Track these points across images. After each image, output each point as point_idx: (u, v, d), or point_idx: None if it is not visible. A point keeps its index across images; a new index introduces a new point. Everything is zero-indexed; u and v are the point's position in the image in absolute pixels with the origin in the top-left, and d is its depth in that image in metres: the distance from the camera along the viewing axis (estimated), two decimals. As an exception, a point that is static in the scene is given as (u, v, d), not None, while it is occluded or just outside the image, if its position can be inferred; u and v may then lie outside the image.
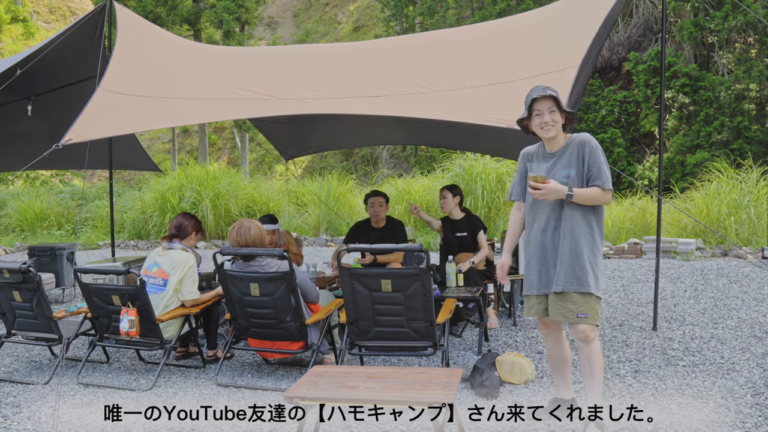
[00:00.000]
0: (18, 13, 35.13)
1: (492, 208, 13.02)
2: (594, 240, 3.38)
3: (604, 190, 3.34)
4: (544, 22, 5.56)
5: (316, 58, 5.96)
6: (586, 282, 3.31)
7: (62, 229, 15.85)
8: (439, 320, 4.31)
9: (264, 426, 3.72)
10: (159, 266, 4.81)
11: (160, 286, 4.75)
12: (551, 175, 3.40)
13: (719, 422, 3.63)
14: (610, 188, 3.34)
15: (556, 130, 3.42)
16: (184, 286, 4.75)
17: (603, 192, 3.34)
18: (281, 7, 40.69)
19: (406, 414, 3.83)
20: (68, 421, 3.87)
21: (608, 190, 3.35)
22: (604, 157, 3.37)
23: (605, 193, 3.35)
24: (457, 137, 7.83)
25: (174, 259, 4.79)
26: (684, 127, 17.20)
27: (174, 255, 4.82)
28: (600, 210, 3.42)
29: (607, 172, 3.35)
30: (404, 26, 26.69)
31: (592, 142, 3.41)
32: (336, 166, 25.77)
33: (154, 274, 4.81)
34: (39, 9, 37.83)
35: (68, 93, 6.79)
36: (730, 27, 16.02)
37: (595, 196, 3.34)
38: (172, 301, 4.74)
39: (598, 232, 3.39)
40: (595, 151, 3.37)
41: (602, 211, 3.43)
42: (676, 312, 6.46)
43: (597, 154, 3.36)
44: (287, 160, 8.94)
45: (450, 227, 6.12)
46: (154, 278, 4.80)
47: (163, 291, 4.72)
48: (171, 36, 7.01)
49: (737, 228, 10.89)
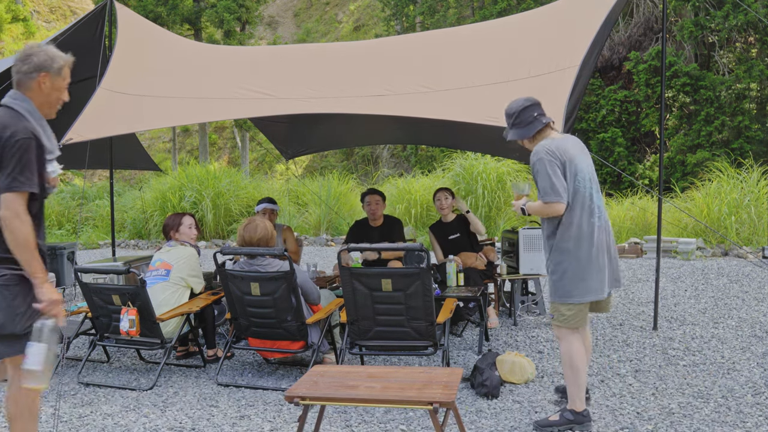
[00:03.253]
0: (18, 12, 35.13)
1: (492, 207, 13.02)
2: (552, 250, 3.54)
3: (544, 203, 3.44)
4: (544, 22, 5.56)
5: (317, 57, 5.96)
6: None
7: (63, 229, 15.85)
8: (439, 320, 4.31)
9: (264, 426, 3.73)
10: (162, 260, 5.00)
11: (163, 275, 4.89)
12: None
13: (719, 422, 3.63)
14: (548, 200, 3.41)
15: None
16: (189, 278, 4.94)
17: (543, 204, 3.44)
18: (282, 7, 40.68)
19: (406, 414, 3.83)
20: (69, 421, 3.87)
21: (547, 203, 3.42)
22: (544, 170, 3.41)
23: (546, 205, 3.44)
24: (458, 137, 7.82)
25: (175, 253, 5.00)
26: (684, 127, 17.18)
27: (175, 249, 5.04)
28: (556, 220, 3.48)
29: (546, 184, 3.41)
30: (404, 26, 26.66)
31: (533, 158, 3.49)
32: (336, 165, 25.76)
33: (157, 267, 4.98)
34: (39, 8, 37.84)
35: (69, 92, 6.78)
36: (731, 26, 15.99)
37: (541, 210, 3.48)
38: (173, 294, 4.78)
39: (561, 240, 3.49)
40: (534, 167, 3.48)
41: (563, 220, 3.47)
42: (677, 311, 6.46)
43: (535, 170, 3.47)
44: (288, 160, 8.94)
45: (442, 232, 6.10)
46: (157, 270, 4.95)
47: (165, 280, 4.86)
48: (171, 36, 7.01)
49: (738, 227, 10.89)
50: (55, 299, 2.84)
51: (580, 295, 3.48)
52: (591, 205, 3.49)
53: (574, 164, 3.47)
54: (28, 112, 2.84)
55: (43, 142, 2.85)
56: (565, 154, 3.46)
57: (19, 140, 2.74)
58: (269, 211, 6.05)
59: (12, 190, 2.71)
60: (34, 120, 2.84)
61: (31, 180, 2.76)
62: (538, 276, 6.07)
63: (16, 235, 2.71)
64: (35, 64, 2.86)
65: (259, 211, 6.01)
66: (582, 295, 3.48)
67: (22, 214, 2.72)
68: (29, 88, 2.88)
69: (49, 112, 2.98)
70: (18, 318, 2.81)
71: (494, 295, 6.36)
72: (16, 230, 2.71)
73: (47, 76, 2.89)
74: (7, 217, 2.70)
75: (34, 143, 2.79)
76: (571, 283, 3.48)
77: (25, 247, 2.73)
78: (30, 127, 2.80)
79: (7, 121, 2.78)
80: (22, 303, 2.82)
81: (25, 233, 2.72)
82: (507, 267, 6.16)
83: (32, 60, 2.86)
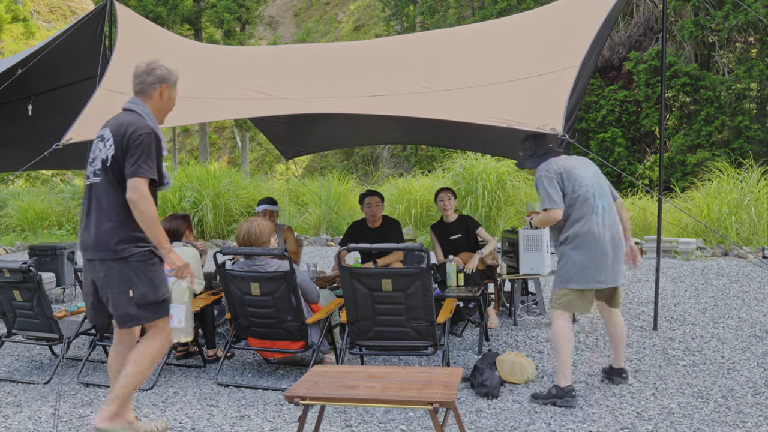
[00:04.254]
0: (18, 12, 35.14)
1: (492, 207, 13.02)
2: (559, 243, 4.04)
3: (543, 211, 3.96)
4: (544, 22, 5.56)
5: (317, 57, 5.96)
6: None
7: (63, 229, 15.84)
8: (439, 320, 4.31)
9: (264, 426, 3.73)
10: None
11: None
12: None
13: (720, 422, 3.63)
14: (546, 207, 3.93)
15: None
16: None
17: (543, 213, 3.97)
18: (282, 7, 40.69)
19: (406, 414, 3.83)
20: (69, 421, 3.87)
21: (546, 210, 3.94)
22: (542, 184, 3.95)
23: (545, 213, 3.95)
24: (458, 137, 7.82)
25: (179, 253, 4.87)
26: (684, 127, 17.19)
27: (177, 250, 4.88)
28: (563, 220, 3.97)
29: (543, 195, 3.93)
30: (405, 26, 26.67)
31: (535, 177, 4.09)
32: (336, 165, 25.76)
33: None
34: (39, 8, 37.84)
35: (69, 92, 6.78)
36: (731, 26, 16.00)
37: (543, 219, 4.00)
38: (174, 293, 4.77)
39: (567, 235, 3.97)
40: (535, 184, 4.04)
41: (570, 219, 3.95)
42: (677, 311, 6.46)
43: (537, 186, 4.02)
44: (288, 160, 8.93)
45: (443, 232, 6.10)
46: None
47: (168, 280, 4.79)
48: (171, 36, 7.00)
49: (738, 227, 10.89)
50: (182, 264, 3.33)
51: (577, 282, 3.91)
52: (594, 205, 3.92)
53: (573, 174, 3.96)
54: (146, 114, 3.32)
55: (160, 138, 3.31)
56: (562, 168, 3.97)
57: (142, 134, 3.21)
58: (269, 213, 6.02)
59: (138, 175, 3.17)
60: (150, 121, 3.31)
61: (152, 168, 3.23)
62: (538, 276, 6.07)
63: (145, 214, 3.17)
64: (158, 76, 3.37)
65: (259, 212, 6.01)
66: (578, 282, 3.90)
67: (148, 195, 3.18)
68: (149, 97, 3.39)
69: (160, 118, 3.46)
70: (154, 287, 3.29)
71: (494, 295, 6.36)
72: (145, 209, 3.16)
73: (167, 87, 3.41)
74: (135, 198, 3.16)
75: (154, 138, 3.26)
76: (571, 271, 3.92)
77: (153, 223, 3.18)
78: (150, 125, 3.28)
79: (131, 119, 3.28)
80: (156, 274, 3.32)
81: (151, 211, 3.18)
82: (507, 267, 6.16)
83: (156, 73, 3.37)
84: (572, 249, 3.91)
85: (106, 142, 3.28)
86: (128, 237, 3.22)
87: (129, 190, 3.16)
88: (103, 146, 3.30)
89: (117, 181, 3.24)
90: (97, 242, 3.24)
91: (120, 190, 3.23)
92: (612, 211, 3.99)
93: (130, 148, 3.19)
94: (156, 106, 3.40)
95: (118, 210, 3.23)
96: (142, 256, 3.26)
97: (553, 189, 3.91)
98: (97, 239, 3.24)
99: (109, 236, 3.22)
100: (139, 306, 3.26)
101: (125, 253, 3.22)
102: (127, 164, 3.18)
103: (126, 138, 3.20)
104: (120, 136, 3.22)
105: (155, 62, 3.40)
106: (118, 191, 3.23)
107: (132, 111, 3.33)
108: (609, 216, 3.95)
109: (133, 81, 3.40)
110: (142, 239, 3.24)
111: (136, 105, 3.35)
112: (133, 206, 3.16)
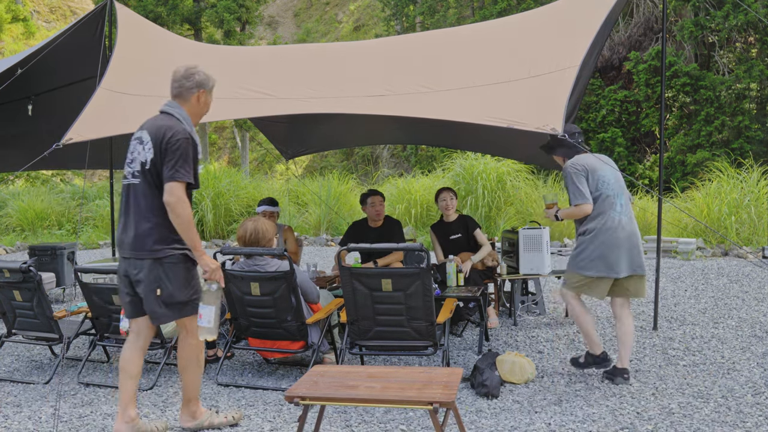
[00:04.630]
0: (18, 12, 35.12)
1: (492, 207, 13.01)
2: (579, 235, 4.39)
3: (574, 206, 4.27)
4: (544, 22, 5.56)
5: (317, 57, 5.96)
6: None
7: (63, 229, 15.84)
8: (439, 320, 4.31)
9: (264, 426, 3.73)
10: None
11: None
12: None
13: (719, 422, 3.63)
14: (577, 203, 4.24)
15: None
16: None
17: (574, 207, 4.28)
18: (282, 7, 40.68)
19: (406, 414, 3.83)
20: (69, 421, 3.87)
21: (577, 206, 4.25)
22: (572, 180, 4.27)
23: (576, 208, 4.27)
24: (458, 137, 7.82)
25: None
26: (684, 127, 17.18)
27: None
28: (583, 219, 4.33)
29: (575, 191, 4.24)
30: (404, 26, 26.66)
31: (564, 173, 4.37)
32: (336, 165, 25.75)
33: None
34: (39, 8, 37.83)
35: (69, 92, 6.78)
36: (731, 26, 15.99)
37: (572, 213, 4.32)
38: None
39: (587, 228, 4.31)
40: (565, 179, 4.35)
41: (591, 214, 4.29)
42: (677, 311, 6.46)
43: (566, 182, 4.33)
44: (288, 160, 8.93)
45: (443, 231, 6.09)
46: None
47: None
48: (171, 36, 7.00)
49: (738, 227, 10.89)
50: (215, 267, 3.44)
51: (591, 270, 4.24)
52: (613, 202, 4.26)
53: (596, 173, 4.28)
54: (183, 118, 3.43)
55: (197, 143, 3.43)
56: (588, 166, 4.28)
57: (180, 139, 3.33)
58: (269, 214, 6.00)
59: (175, 179, 3.29)
60: (187, 125, 3.43)
61: (189, 172, 3.35)
62: (538, 276, 6.07)
63: (181, 217, 3.30)
64: (197, 81, 3.49)
65: (260, 213, 6.00)
66: (592, 270, 4.24)
67: (184, 198, 3.31)
68: (187, 101, 3.50)
69: (195, 121, 3.58)
70: (183, 289, 3.43)
71: (494, 295, 6.36)
72: (181, 212, 3.30)
73: (204, 92, 3.53)
74: (172, 202, 3.29)
75: (191, 142, 3.38)
76: (586, 260, 4.27)
77: (188, 226, 3.32)
78: (187, 130, 3.39)
79: (169, 123, 3.39)
80: (186, 277, 3.45)
81: (187, 214, 3.32)
82: (507, 267, 6.16)
83: (194, 78, 3.49)
84: (590, 241, 4.25)
85: (145, 145, 3.39)
86: (164, 238, 3.37)
87: (166, 194, 3.29)
88: (141, 149, 3.41)
89: (155, 184, 3.37)
90: (135, 242, 3.39)
91: (158, 192, 3.36)
92: (629, 207, 4.35)
93: (168, 153, 3.31)
94: (192, 110, 3.52)
95: (155, 212, 3.37)
96: (176, 258, 3.40)
97: (583, 185, 4.24)
98: (135, 239, 3.39)
99: (147, 237, 3.37)
100: (166, 305, 3.41)
101: (160, 254, 3.37)
102: (165, 168, 3.31)
103: (165, 142, 3.32)
104: (159, 140, 3.34)
105: (194, 67, 3.52)
106: (156, 194, 3.36)
107: (170, 114, 3.44)
108: (626, 212, 4.30)
109: (171, 85, 3.51)
110: (177, 241, 3.38)
111: (173, 108, 3.46)
112: (169, 209, 3.30)
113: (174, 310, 3.44)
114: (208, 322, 3.40)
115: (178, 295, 3.41)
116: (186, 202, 3.31)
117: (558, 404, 3.96)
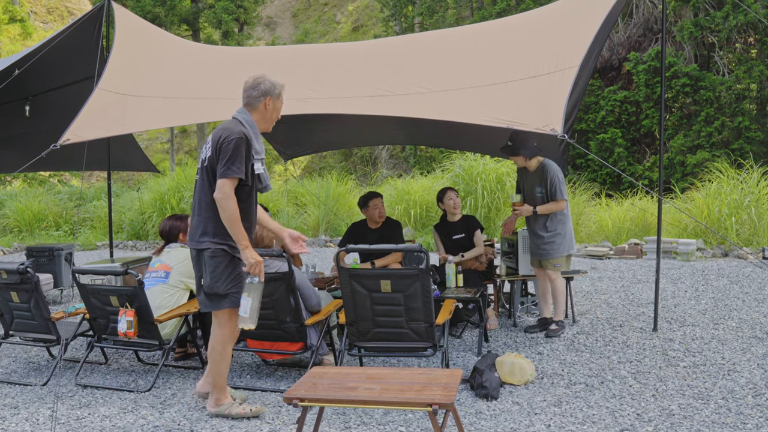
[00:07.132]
0: (16, 13, 35.08)
1: (492, 208, 12.99)
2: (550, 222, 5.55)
3: (556, 201, 5.43)
4: (544, 22, 5.55)
5: (315, 58, 5.94)
6: None
7: (60, 230, 15.82)
8: (438, 321, 4.29)
9: (263, 427, 3.71)
10: (161, 262, 4.90)
11: (162, 278, 4.81)
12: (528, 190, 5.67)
13: (720, 423, 3.62)
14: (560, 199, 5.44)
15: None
16: (188, 281, 4.79)
17: (556, 203, 5.44)
18: (280, 7, 40.68)
19: (405, 415, 3.81)
20: (66, 423, 3.85)
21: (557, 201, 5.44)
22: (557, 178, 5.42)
23: (556, 203, 5.44)
24: (457, 137, 7.81)
25: (175, 254, 4.89)
26: (684, 128, 17.17)
27: (175, 251, 4.94)
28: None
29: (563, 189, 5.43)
30: (403, 26, 26.66)
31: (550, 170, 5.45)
32: (335, 166, 25.73)
33: (156, 269, 4.89)
34: (37, 9, 37.80)
35: (66, 93, 6.77)
36: (731, 27, 15.99)
37: (552, 207, 5.44)
38: (172, 296, 4.74)
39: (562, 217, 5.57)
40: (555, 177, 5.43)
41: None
42: (677, 313, 6.45)
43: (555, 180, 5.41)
44: (286, 160, 8.91)
45: (446, 231, 6.08)
46: (156, 272, 4.87)
47: (164, 282, 4.78)
48: (169, 36, 6.99)
49: (738, 228, 10.87)
50: (257, 261, 3.62)
51: (572, 248, 5.55)
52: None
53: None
54: (246, 122, 3.69)
55: (253, 143, 3.66)
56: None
57: (233, 139, 3.56)
58: None
59: (225, 176, 3.53)
60: (249, 128, 3.67)
61: (240, 169, 3.56)
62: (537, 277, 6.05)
63: (226, 212, 3.54)
64: (263, 90, 3.74)
65: None
66: (573, 248, 5.56)
67: (231, 195, 3.53)
68: (255, 109, 3.76)
69: (266, 127, 3.85)
70: (221, 281, 3.66)
71: (494, 297, 6.34)
72: (227, 208, 3.53)
73: (271, 99, 3.78)
74: (219, 198, 3.53)
75: (245, 142, 3.60)
76: (570, 241, 5.52)
77: (234, 221, 3.55)
78: (244, 131, 3.62)
79: (229, 126, 3.66)
80: (223, 270, 3.66)
81: (233, 209, 3.54)
82: (506, 268, 6.14)
83: (260, 87, 3.74)
84: (563, 225, 5.45)
85: (208, 146, 3.68)
86: (209, 232, 3.64)
87: (216, 190, 3.55)
88: (205, 149, 3.71)
89: (210, 181, 3.64)
90: (190, 233, 3.77)
91: (211, 189, 3.61)
92: None
93: (221, 152, 3.56)
94: (262, 117, 3.78)
95: (207, 207, 3.66)
96: (215, 251, 3.64)
97: (564, 185, 5.42)
98: (190, 230, 3.77)
99: (196, 229, 3.69)
100: (207, 294, 3.71)
101: (203, 246, 3.65)
102: (218, 166, 3.56)
103: (220, 142, 3.58)
104: (216, 140, 3.62)
105: (261, 77, 3.76)
106: (210, 190, 3.63)
107: (234, 118, 3.72)
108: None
109: (243, 95, 3.77)
110: (220, 235, 3.62)
111: (240, 114, 3.74)
112: (217, 204, 3.55)
113: (213, 300, 3.69)
114: (244, 312, 3.59)
115: (215, 287, 3.65)
116: (233, 198, 3.53)
117: (558, 406, 3.94)
